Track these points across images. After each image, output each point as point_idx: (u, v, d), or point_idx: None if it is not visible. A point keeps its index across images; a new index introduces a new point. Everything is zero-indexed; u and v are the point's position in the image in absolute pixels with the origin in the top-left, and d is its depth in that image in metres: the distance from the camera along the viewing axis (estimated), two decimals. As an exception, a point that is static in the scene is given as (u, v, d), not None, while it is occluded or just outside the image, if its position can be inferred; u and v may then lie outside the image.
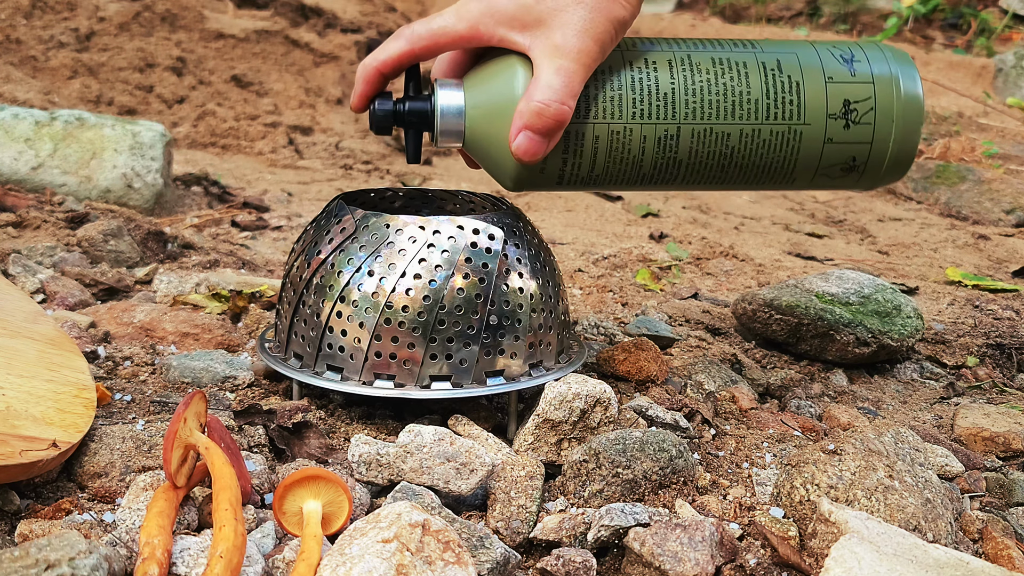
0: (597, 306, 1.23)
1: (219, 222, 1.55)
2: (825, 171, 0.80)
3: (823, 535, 0.65)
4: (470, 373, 0.77)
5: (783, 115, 0.77)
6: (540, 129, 0.72)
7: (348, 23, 3.16)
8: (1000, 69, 3.46)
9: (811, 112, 0.77)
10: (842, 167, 0.80)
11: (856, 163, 0.80)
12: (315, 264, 0.79)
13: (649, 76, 0.75)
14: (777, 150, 0.78)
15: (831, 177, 0.81)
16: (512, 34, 0.72)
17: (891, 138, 0.79)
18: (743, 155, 0.78)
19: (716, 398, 0.91)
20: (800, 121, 0.77)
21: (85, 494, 0.67)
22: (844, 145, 0.78)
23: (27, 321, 0.83)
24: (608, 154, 0.76)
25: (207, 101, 2.47)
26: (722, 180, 0.80)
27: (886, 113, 0.78)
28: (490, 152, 0.76)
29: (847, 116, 0.77)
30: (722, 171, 0.79)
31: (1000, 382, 1.09)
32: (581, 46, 0.71)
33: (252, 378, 0.87)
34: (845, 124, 0.78)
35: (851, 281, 1.12)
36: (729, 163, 0.78)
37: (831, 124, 0.78)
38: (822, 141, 0.78)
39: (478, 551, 0.61)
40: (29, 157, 1.51)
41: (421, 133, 0.78)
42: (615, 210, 1.95)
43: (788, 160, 0.79)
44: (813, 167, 0.79)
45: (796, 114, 0.77)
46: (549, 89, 0.71)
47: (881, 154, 0.79)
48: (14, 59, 2.43)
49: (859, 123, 0.78)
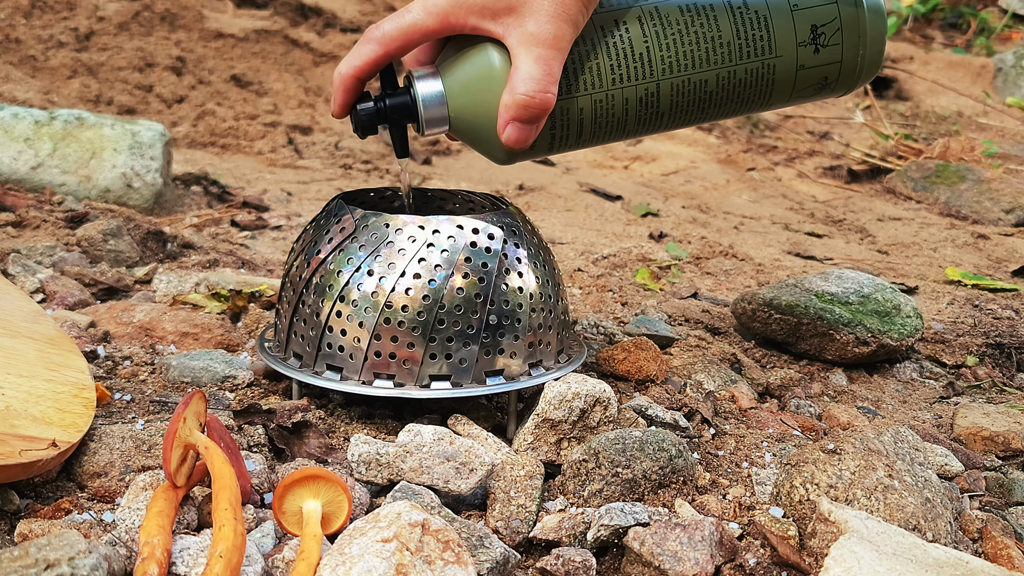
0: (597, 305, 1.23)
1: (219, 222, 1.55)
2: (800, 93, 0.82)
3: (823, 534, 0.65)
4: (470, 373, 0.77)
5: (755, 52, 0.79)
6: (527, 119, 0.73)
7: (348, 22, 3.16)
8: (999, 69, 3.46)
9: (781, 44, 0.79)
10: (816, 86, 0.82)
11: (828, 81, 0.82)
12: (315, 264, 0.79)
13: (623, 38, 0.76)
14: (753, 86, 0.80)
15: (806, 96, 0.83)
16: (484, 22, 0.73)
17: (859, 52, 0.81)
18: (721, 96, 0.80)
19: (716, 397, 0.91)
20: (772, 55, 0.79)
21: (85, 494, 0.67)
22: (816, 68, 0.81)
23: (27, 321, 0.83)
24: (593, 121, 0.78)
25: (207, 101, 2.47)
26: (702, 118, 0.82)
27: (852, 29, 0.80)
28: (478, 133, 0.77)
29: (816, 41, 0.79)
30: (702, 112, 0.81)
31: (1000, 381, 1.09)
32: (556, 31, 0.72)
33: (252, 378, 0.87)
34: (815, 49, 0.80)
35: (851, 281, 1.12)
36: (708, 104, 0.80)
37: (802, 52, 0.80)
38: (795, 69, 0.80)
39: (478, 551, 0.61)
40: (28, 157, 1.51)
41: (406, 127, 0.79)
42: (615, 209, 1.95)
43: (764, 91, 0.81)
44: (788, 92, 0.82)
45: (767, 49, 0.79)
46: (531, 80, 0.71)
47: (851, 68, 0.82)
48: (13, 59, 2.43)
49: (828, 45, 0.80)
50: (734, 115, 0.83)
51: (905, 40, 4.08)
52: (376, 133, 0.79)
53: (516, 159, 0.79)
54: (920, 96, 3.33)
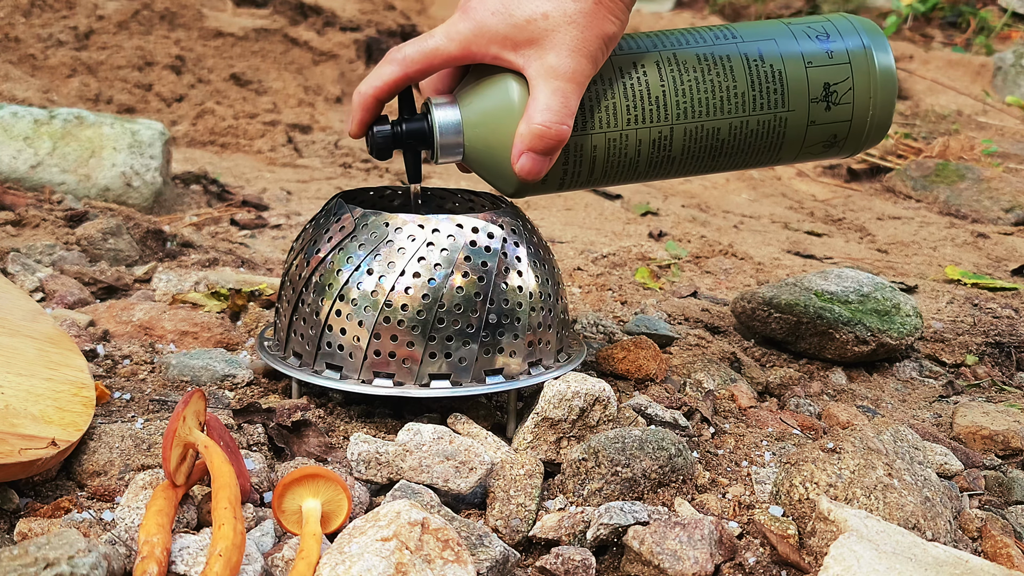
0: (596, 304, 1.23)
1: (218, 220, 1.55)
2: (808, 149, 0.83)
3: (822, 533, 0.65)
4: (469, 371, 0.77)
5: (768, 104, 0.80)
6: (542, 150, 0.74)
7: (347, 21, 3.16)
8: (999, 67, 3.46)
9: (794, 99, 0.80)
10: (824, 144, 0.83)
11: (837, 139, 0.83)
12: (314, 262, 0.79)
13: (640, 81, 0.77)
14: (764, 137, 0.81)
15: (814, 153, 0.84)
16: (505, 53, 0.74)
17: (869, 112, 0.82)
18: (733, 145, 0.81)
19: (715, 396, 0.91)
20: (785, 109, 0.80)
21: (84, 492, 0.67)
22: (826, 125, 0.82)
23: (26, 319, 0.83)
24: (606, 160, 0.78)
25: (206, 99, 2.47)
26: (711, 168, 0.83)
27: (863, 90, 0.81)
28: (490, 164, 0.78)
29: (828, 99, 0.81)
30: (712, 160, 0.82)
31: (999, 380, 1.09)
32: (575, 66, 0.72)
33: (251, 376, 0.87)
34: (827, 106, 0.81)
35: (850, 279, 1.12)
36: (720, 152, 0.81)
37: (813, 108, 0.81)
38: (805, 124, 0.81)
39: (477, 549, 0.61)
40: (28, 155, 1.51)
41: (420, 153, 0.80)
42: (614, 209, 1.95)
43: (774, 144, 0.82)
44: (797, 148, 0.83)
45: (780, 102, 0.80)
46: (548, 111, 0.72)
47: (860, 127, 0.83)
48: (13, 57, 2.43)
49: (839, 103, 0.81)
50: (744, 166, 0.84)
51: (905, 39, 4.08)
52: (390, 157, 0.79)
53: (527, 192, 0.80)
54: (920, 95, 3.33)
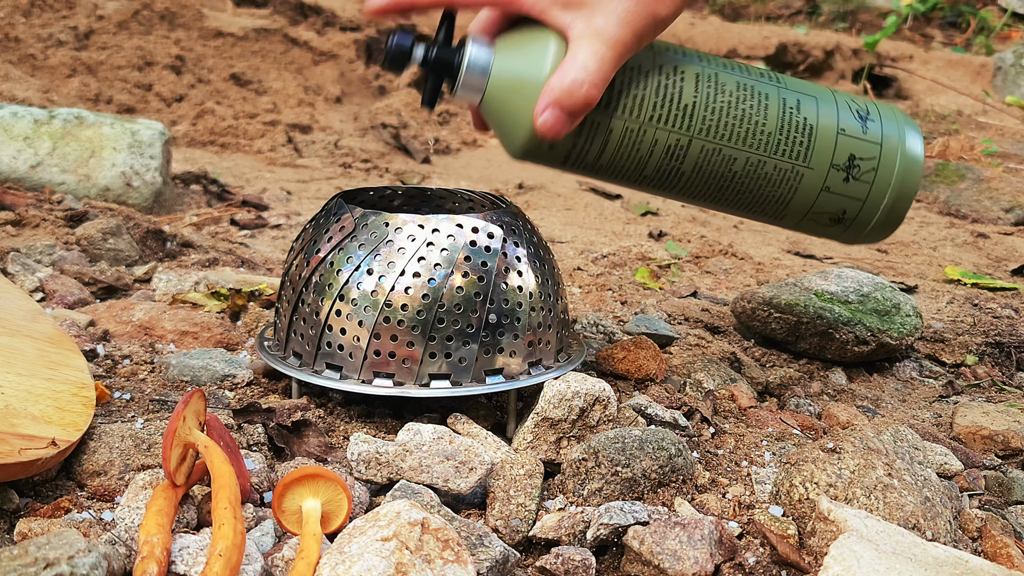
0: (596, 304, 1.23)
1: (218, 220, 1.55)
2: (814, 217, 0.82)
3: (822, 533, 0.65)
4: (469, 371, 0.77)
5: (790, 153, 0.78)
6: (568, 108, 0.73)
7: (347, 21, 3.16)
8: (999, 67, 3.46)
9: (817, 157, 0.79)
10: (831, 217, 0.82)
11: (845, 217, 0.82)
12: (314, 262, 0.79)
13: (674, 84, 0.76)
14: (776, 185, 0.80)
15: (818, 224, 0.83)
16: (554, 10, 0.73)
17: (883, 201, 0.81)
18: (742, 182, 0.79)
19: (715, 396, 0.91)
20: (804, 163, 0.79)
21: (84, 492, 0.67)
22: (839, 197, 0.81)
23: (26, 319, 0.83)
24: (617, 149, 0.77)
25: (206, 99, 2.47)
26: (715, 200, 0.81)
27: (885, 177, 0.80)
28: (505, 117, 0.77)
29: (849, 170, 0.79)
30: (719, 192, 0.80)
31: (999, 380, 1.09)
32: (620, 35, 0.72)
33: (251, 376, 0.87)
34: (845, 177, 0.80)
35: (850, 279, 1.12)
36: (727, 186, 0.80)
37: (832, 174, 0.80)
38: (820, 187, 0.80)
39: (477, 549, 0.61)
40: (28, 155, 1.51)
41: (442, 81, 0.79)
42: (614, 208, 1.95)
43: (783, 198, 0.81)
44: (804, 211, 0.82)
45: (803, 155, 0.79)
46: (584, 70, 0.72)
47: (870, 213, 0.82)
48: (13, 57, 2.43)
49: (858, 179, 0.80)
50: (746, 212, 0.83)
51: (905, 39, 4.08)
52: (401, 71, 0.78)
53: (531, 156, 0.79)
54: (920, 95, 3.33)
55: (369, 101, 2.83)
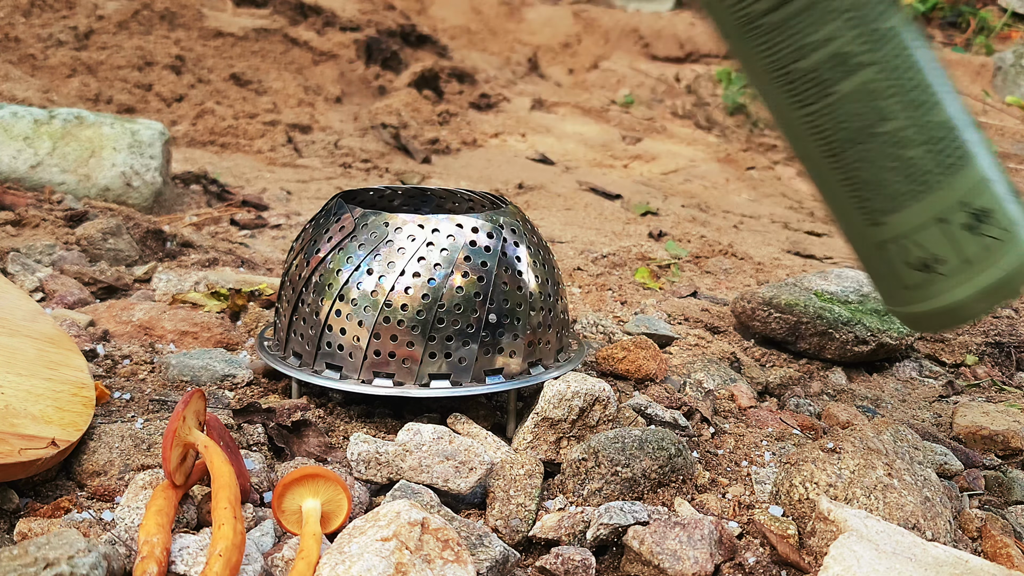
0: (596, 304, 1.23)
1: (218, 220, 1.55)
2: (908, 245, 0.72)
3: (822, 533, 0.65)
4: (469, 371, 0.77)
5: (937, 156, 0.70)
6: None
7: (347, 21, 3.16)
8: (999, 67, 3.46)
9: (956, 181, 0.70)
10: (922, 258, 0.72)
11: (936, 264, 0.72)
12: (314, 262, 0.79)
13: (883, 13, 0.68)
14: (904, 177, 0.70)
15: (902, 261, 0.73)
16: None
17: (987, 273, 0.71)
18: (878, 148, 0.70)
19: (715, 396, 0.91)
20: (942, 174, 0.70)
21: (84, 492, 0.67)
22: (948, 241, 0.71)
23: (26, 320, 0.83)
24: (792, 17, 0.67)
25: (206, 99, 2.47)
26: (833, 155, 0.71)
27: (1003, 253, 0.71)
28: None
29: (977, 219, 0.70)
30: (847, 144, 0.70)
31: (999, 380, 1.09)
32: None
33: (251, 376, 0.87)
34: (968, 224, 0.70)
35: (850, 279, 1.12)
36: (861, 141, 0.70)
37: (959, 210, 0.70)
38: (938, 212, 0.70)
39: (477, 549, 0.61)
40: (28, 155, 1.51)
41: None
42: (614, 209, 1.95)
43: (899, 197, 0.71)
44: (907, 229, 0.72)
45: (945, 168, 0.70)
46: None
47: (965, 278, 0.71)
48: (13, 57, 2.43)
49: (977, 235, 0.70)
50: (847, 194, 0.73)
51: (905, 39, 4.07)
52: None
53: None
54: (920, 95, 3.32)
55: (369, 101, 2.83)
